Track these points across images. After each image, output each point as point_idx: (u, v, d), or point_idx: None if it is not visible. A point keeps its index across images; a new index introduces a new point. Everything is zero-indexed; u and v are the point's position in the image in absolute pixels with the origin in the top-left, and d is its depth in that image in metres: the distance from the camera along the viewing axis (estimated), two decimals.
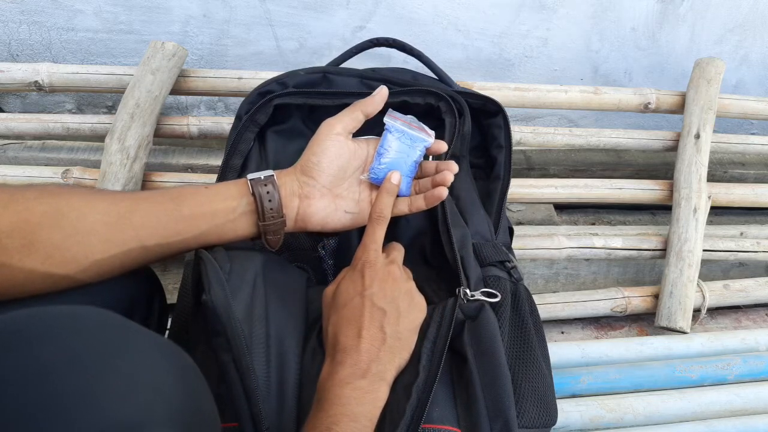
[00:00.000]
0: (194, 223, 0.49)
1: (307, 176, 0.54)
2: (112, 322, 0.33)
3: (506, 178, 0.68)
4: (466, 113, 0.66)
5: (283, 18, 1.08)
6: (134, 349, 0.32)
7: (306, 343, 0.52)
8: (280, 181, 0.53)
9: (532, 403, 0.53)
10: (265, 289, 0.49)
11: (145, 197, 0.48)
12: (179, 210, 0.48)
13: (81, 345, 0.30)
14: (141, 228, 0.46)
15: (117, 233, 0.45)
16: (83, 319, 0.32)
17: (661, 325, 0.91)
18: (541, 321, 0.61)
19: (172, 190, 0.50)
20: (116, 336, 0.33)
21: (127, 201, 0.46)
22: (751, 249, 0.99)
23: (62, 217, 0.42)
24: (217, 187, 0.52)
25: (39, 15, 1.04)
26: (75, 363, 0.29)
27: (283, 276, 0.54)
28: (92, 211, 0.44)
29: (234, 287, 0.48)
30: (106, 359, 0.30)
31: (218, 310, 0.45)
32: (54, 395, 0.28)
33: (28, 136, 0.99)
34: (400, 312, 0.50)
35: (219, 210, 0.50)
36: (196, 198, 0.49)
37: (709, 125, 1.00)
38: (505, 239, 0.67)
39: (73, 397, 0.28)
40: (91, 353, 0.30)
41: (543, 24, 1.14)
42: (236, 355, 0.45)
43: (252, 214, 0.52)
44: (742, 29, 1.21)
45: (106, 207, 0.45)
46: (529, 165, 1.18)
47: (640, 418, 0.76)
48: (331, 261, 0.63)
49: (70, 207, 0.43)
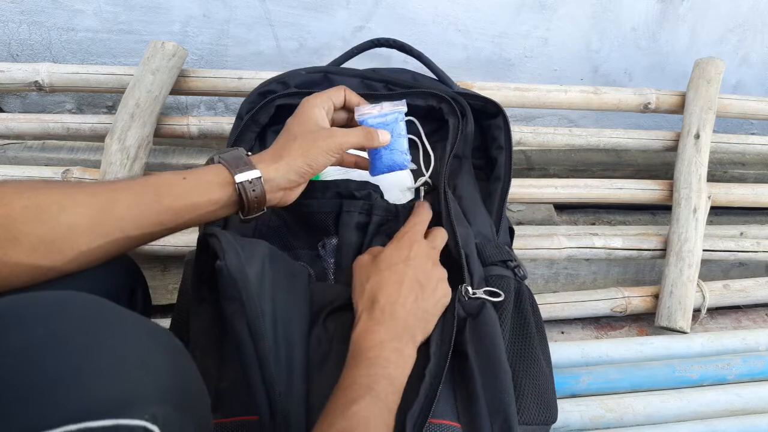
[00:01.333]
0: (175, 214, 0.49)
1: (298, 177, 0.55)
2: (99, 305, 0.34)
3: (507, 179, 0.68)
4: (469, 114, 0.66)
5: (283, 18, 1.08)
6: (122, 330, 0.33)
7: (310, 332, 0.52)
8: (267, 176, 0.53)
9: (532, 401, 0.53)
10: (272, 272, 0.49)
11: (124, 188, 0.47)
12: (159, 201, 0.48)
13: (69, 326, 0.31)
14: (123, 219, 0.46)
15: (99, 224, 0.45)
16: (71, 302, 0.33)
17: (661, 325, 0.91)
18: (542, 320, 0.61)
19: (151, 180, 0.49)
20: (104, 318, 0.33)
21: (106, 193, 0.46)
22: (751, 249, 0.99)
23: (43, 211, 0.42)
24: (197, 177, 0.51)
25: (39, 15, 1.04)
26: (63, 344, 0.30)
27: (287, 264, 0.55)
28: (72, 204, 0.44)
29: (246, 259, 0.48)
30: (94, 340, 0.31)
31: (234, 273, 0.45)
32: (42, 375, 0.28)
33: (28, 136, 0.99)
34: (433, 291, 0.53)
35: (201, 203, 0.50)
36: (175, 190, 0.49)
37: (709, 125, 1.00)
38: (506, 239, 0.68)
39: (62, 377, 0.28)
40: (78, 334, 0.31)
41: (543, 24, 1.14)
42: (250, 318, 0.45)
43: (234, 206, 0.52)
44: (742, 29, 1.21)
45: (86, 199, 0.45)
46: (529, 165, 1.18)
47: (640, 418, 0.76)
48: (331, 260, 0.63)
49: (50, 200, 0.43)
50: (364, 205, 0.62)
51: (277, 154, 0.54)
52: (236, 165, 0.51)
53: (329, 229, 0.63)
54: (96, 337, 0.31)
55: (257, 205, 0.52)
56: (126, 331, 0.33)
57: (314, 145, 0.55)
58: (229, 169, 0.51)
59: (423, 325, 0.51)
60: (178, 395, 0.33)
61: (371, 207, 0.62)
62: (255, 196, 0.51)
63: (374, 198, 0.63)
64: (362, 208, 0.62)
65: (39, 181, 0.45)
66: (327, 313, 0.54)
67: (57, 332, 0.30)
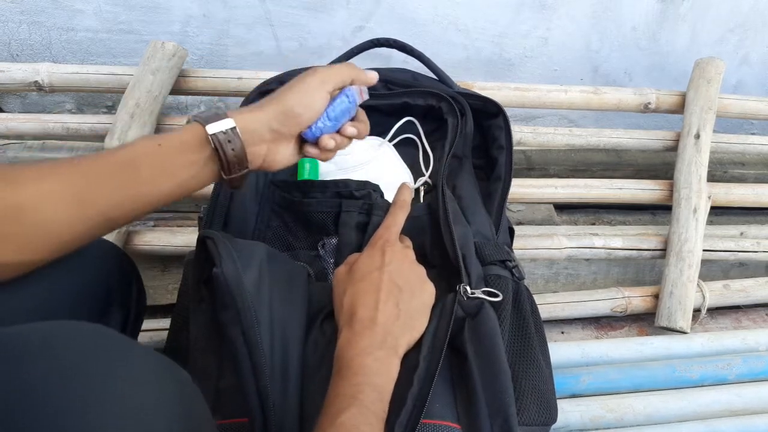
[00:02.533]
0: (155, 185, 0.47)
1: (283, 125, 0.51)
2: (105, 338, 0.33)
3: (507, 178, 0.68)
4: (468, 114, 0.66)
5: (283, 18, 1.08)
6: (130, 366, 0.32)
7: (308, 334, 0.52)
8: (246, 127, 0.49)
9: (532, 401, 0.53)
10: (269, 276, 0.49)
11: (99, 169, 0.45)
12: (138, 175, 0.46)
13: (75, 361, 0.30)
14: (101, 203, 0.45)
15: (78, 214, 0.44)
16: (77, 334, 0.32)
17: (661, 325, 0.91)
18: (541, 320, 0.61)
19: (124, 153, 0.47)
20: (111, 351, 0.32)
21: (81, 178, 0.44)
22: (751, 249, 0.99)
23: (21, 212, 0.42)
24: (171, 141, 0.48)
25: (39, 15, 1.04)
26: (69, 380, 0.29)
27: (285, 267, 0.54)
28: (49, 200, 0.43)
29: (243, 265, 0.47)
30: (102, 377, 0.30)
31: (229, 281, 0.45)
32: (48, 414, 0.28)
33: (28, 136, 0.99)
34: (413, 291, 0.52)
35: (179, 167, 0.48)
36: (153, 159, 0.47)
37: (709, 125, 1.00)
38: (506, 239, 0.67)
39: (68, 416, 0.28)
40: (85, 369, 0.30)
41: (543, 24, 1.14)
42: (245, 327, 0.45)
43: (214, 163, 0.49)
44: (742, 29, 1.21)
45: (62, 190, 0.43)
46: (529, 165, 1.18)
47: (640, 417, 0.76)
48: (331, 260, 0.63)
49: (28, 198, 0.42)
50: (364, 205, 0.62)
51: (257, 105, 0.52)
52: (210, 120, 0.48)
53: (329, 229, 0.63)
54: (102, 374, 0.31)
55: (237, 160, 0.49)
56: (133, 366, 0.32)
57: (297, 85, 0.52)
58: (202, 125, 0.48)
59: (408, 329, 0.50)
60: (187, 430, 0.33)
61: (371, 207, 0.62)
62: (232, 149, 0.48)
63: (374, 198, 0.63)
64: (362, 208, 0.62)
65: (14, 171, 0.43)
66: (324, 316, 0.54)
67: (61, 367, 0.29)
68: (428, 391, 0.46)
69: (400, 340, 0.49)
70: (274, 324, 0.48)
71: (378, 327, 0.48)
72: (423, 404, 0.46)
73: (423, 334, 0.51)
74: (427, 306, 0.53)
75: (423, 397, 0.46)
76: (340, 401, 0.44)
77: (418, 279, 0.54)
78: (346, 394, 0.44)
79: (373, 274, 0.52)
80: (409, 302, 0.51)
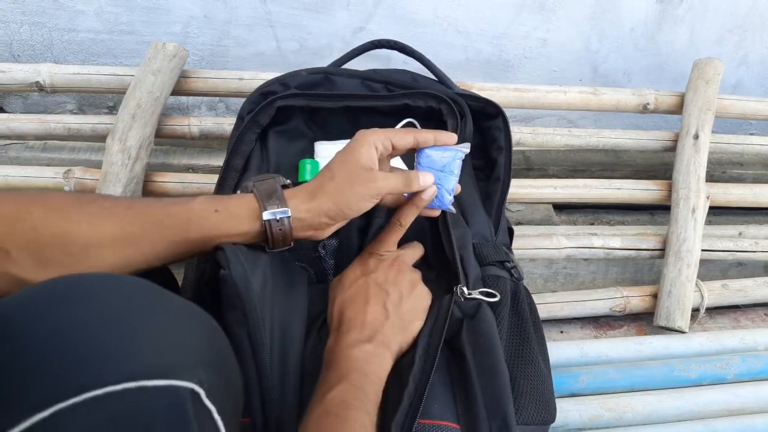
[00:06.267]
0: (201, 247, 0.49)
1: (333, 220, 0.52)
2: (146, 285, 0.37)
3: (506, 179, 0.68)
4: (468, 115, 0.67)
5: (283, 19, 1.08)
6: (167, 307, 0.37)
7: (307, 338, 0.52)
8: (296, 215, 0.50)
9: (530, 401, 0.53)
10: (273, 281, 0.50)
11: (152, 219, 0.47)
12: (187, 234, 0.48)
13: (119, 303, 0.34)
14: (148, 252, 0.47)
15: (124, 256, 0.46)
16: (121, 282, 0.37)
17: (659, 325, 0.91)
18: (540, 320, 0.61)
19: (181, 211, 0.48)
20: (151, 296, 0.37)
21: (135, 225, 0.46)
22: (749, 249, 0.99)
23: (71, 243, 0.43)
24: (228, 210, 0.49)
25: (40, 16, 1.04)
26: (114, 317, 0.33)
27: (287, 272, 0.55)
28: (100, 237, 0.44)
29: (250, 270, 0.48)
30: (142, 315, 0.35)
31: (237, 283, 0.46)
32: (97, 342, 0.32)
33: (29, 136, 1.00)
34: (402, 295, 0.54)
35: (227, 236, 0.49)
36: (205, 224, 0.48)
37: (708, 126, 1.00)
38: (505, 240, 0.68)
39: (113, 345, 0.32)
40: (128, 310, 0.34)
41: (542, 25, 1.15)
42: (251, 328, 0.45)
43: (260, 237, 0.51)
44: (741, 30, 1.21)
45: (114, 232, 0.45)
46: (528, 165, 1.19)
47: (639, 417, 0.76)
48: (331, 261, 0.63)
49: (79, 231, 0.43)
50: None
51: (312, 192, 0.52)
52: (268, 199, 0.50)
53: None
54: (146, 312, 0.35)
55: (282, 240, 0.50)
56: (170, 308, 0.37)
57: (350, 189, 0.51)
58: (259, 202, 0.50)
59: (400, 329, 0.52)
60: (216, 363, 0.36)
61: (372, 210, 0.62)
62: (281, 234, 0.50)
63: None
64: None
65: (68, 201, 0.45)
66: (323, 320, 0.55)
67: (108, 307, 0.34)
68: (424, 389, 0.47)
69: (392, 338, 0.51)
70: (274, 328, 0.48)
71: (366, 326, 0.50)
72: (419, 403, 0.46)
73: (419, 335, 0.52)
74: (419, 308, 0.54)
75: (419, 396, 0.47)
76: (326, 386, 0.46)
77: (409, 283, 0.55)
78: (332, 380, 0.46)
79: (360, 281, 0.55)
80: (397, 304, 0.53)
